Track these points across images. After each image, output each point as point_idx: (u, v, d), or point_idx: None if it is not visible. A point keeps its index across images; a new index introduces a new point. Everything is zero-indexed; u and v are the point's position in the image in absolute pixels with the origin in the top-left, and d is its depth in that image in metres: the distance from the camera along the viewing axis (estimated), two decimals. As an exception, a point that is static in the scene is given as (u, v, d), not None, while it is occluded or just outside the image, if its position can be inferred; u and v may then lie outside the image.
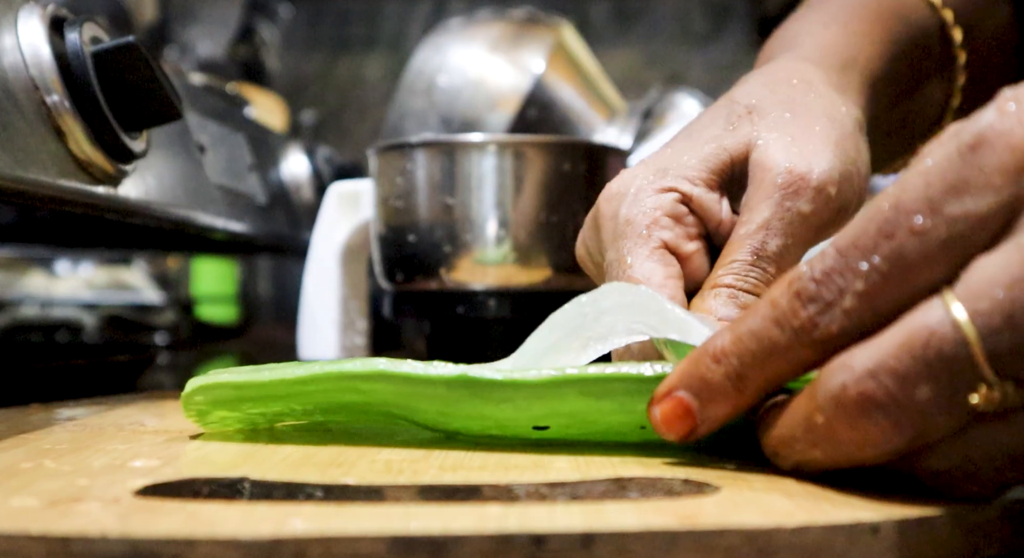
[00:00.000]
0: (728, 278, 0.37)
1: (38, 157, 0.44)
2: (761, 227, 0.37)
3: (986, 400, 0.23)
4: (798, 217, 0.36)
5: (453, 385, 0.32)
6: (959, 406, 0.23)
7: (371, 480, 0.27)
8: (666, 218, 0.38)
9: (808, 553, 0.22)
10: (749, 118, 0.39)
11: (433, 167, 0.59)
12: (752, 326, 0.26)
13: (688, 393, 0.27)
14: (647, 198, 0.38)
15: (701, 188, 0.38)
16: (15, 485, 0.26)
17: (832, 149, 0.38)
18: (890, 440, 0.24)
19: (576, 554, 0.21)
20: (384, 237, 0.62)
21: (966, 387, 0.23)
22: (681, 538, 0.22)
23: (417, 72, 0.77)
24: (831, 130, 0.38)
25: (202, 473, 0.28)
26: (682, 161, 0.39)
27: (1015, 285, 0.22)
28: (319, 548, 0.21)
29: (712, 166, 0.39)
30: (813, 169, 0.37)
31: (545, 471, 0.28)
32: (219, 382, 0.34)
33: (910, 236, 0.23)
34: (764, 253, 0.36)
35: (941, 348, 0.23)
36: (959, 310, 0.23)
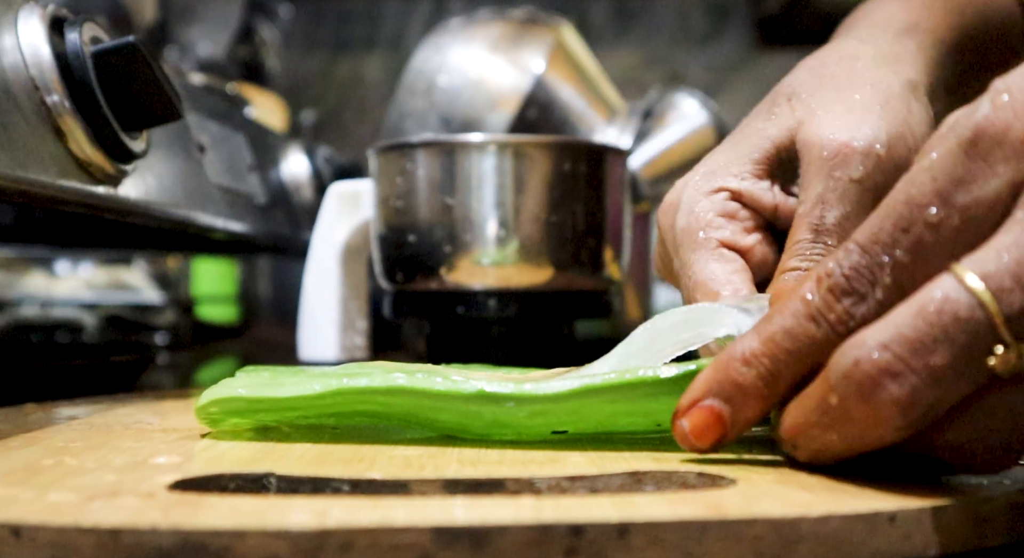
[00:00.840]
0: (793, 261, 0.37)
1: (38, 157, 0.44)
2: (816, 203, 0.37)
3: (1003, 362, 0.23)
4: (851, 185, 0.37)
5: (472, 399, 0.32)
6: (976, 369, 0.24)
7: (395, 475, 0.28)
8: (719, 218, 0.39)
9: (830, 541, 0.23)
10: (789, 105, 0.40)
11: (433, 167, 0.59)
12: (785, 324, 0.26)
13: (718, 400, 0.28)
14: (698, 203, 0.39)
15: (749, 181, 0.39)
16: (45, 481, 0.26)
17: (877, 112, 0.38)
18: (906, 412, 0.24)
19: (612, 543, 0.22)
20: (384, 237, 0.62)
21: (984, 349, 0.23)
22: (711, 527, 0.22)
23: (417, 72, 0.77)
24: (874, 95, 0.39)
25: (226, 469, 0.29)
26: (728, 159, 0.40)
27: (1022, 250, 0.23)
28: (366, 539, 0.22)
29: (757, 158, 0.40)
30: (856, 135, 0.37)
31: (562, 465, 0.29)
32: (234, 396, 0.34)
33: (926, 228, 0.25)
34: (823, 227, 0.37)
35: (956, 312, 0.23)
36: (972, 278, 0.23)
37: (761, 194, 0.40)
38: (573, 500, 0.24)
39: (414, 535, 0.22)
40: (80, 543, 0.21)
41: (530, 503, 0.24)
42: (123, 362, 0.56)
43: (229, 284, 1.28)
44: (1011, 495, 0.26)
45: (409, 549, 0.22)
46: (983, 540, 0.25)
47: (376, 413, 0.34)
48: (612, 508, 0.23)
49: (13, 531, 0.22)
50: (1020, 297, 0.23)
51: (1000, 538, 0.25)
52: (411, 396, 0.33)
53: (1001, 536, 0.25)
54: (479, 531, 0.22)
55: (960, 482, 0.27)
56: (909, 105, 0.39)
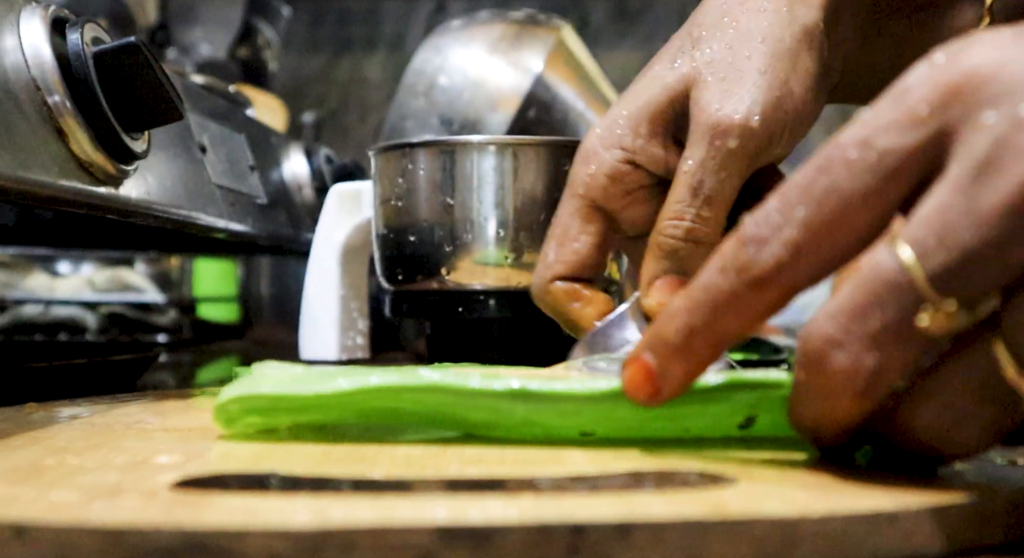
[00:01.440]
0: (667, 224, 0.41)
1: (39, 157, 0.44)
2: (697, 167, 0.40)
3: (934, 321, 0.24)
4: (727, 153, 0.40)
5: (505, 397, 0.32)
6: (909, 331, 0.24)
7: (397, 474, 0.28)
8: (604, 178, 0.43)
9: (831, 541, 0.23)
10: (691, 53, 0.42)
11: (433, 167, 0.59)
12: (701, 279, 0.27)
13: (650, 354, 0.28)
14: (593, 157, 0.43)
15: (642, 138, 0.42)
16: (47, 480, 0.26)
17: (759, 78, 0.40)
18: (853, 380, 0.24)
19: (614, 543, 0.22)
20: (384, 237, 0.62)
21: (912, 309, 0.24)
22: (713, 527, 0.22)
23: (417, 73, 0.77)
24: (762, 54, 0.41)
25: (228, 468, 0.29)
26: (628, 113, 0.43)
27: (945, 210, 0.23)
28: (368, 539, 0.22)
29: (654, 111, 0.42)
30: (738, 108, 0.40)
31: (563, 465, 0.29)
32: (257, 394, 0.33)
33: (844, 169, 0.25)
34: (701, 191, 0.40)
35: (885, 277, 0.24)
36: (901, 244, 0.24)
37: (653, 153, 0.42)
38: (574, 500, 0.24)
39: (416, 535, 0.22)
40: (82, 543, 0.21)
41: (531, 503, 0.24)
42: (124, 361, 0.56)
43: (230, 284, 1.28)
44: (1011, 495, 0.26)
45: (411, 549, 0.22)
46: (984, 540, 0.25)
47: (404, 411, 0.33)
48: (613, 508, 0.23)
49: (15, 530, 0.22)
50: (944, 257, 0.23)
51: (1000, 538, 0.25)
52: (443, 394, 0.32)
53: (1001, 536, 0.25)
54: (481, 531, 0.22)
55: (960, 482, 0.27)
56: (796, 61, 0.41)
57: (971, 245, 0.23)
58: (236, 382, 0.34)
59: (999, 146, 0.23)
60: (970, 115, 0.24)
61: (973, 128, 0.24)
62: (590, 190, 0.43)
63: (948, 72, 0.25)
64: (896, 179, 0.25)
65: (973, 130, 0.24)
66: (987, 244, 0.23)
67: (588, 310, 0.44)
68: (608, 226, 0.44)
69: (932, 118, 0.24)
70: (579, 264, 0.44)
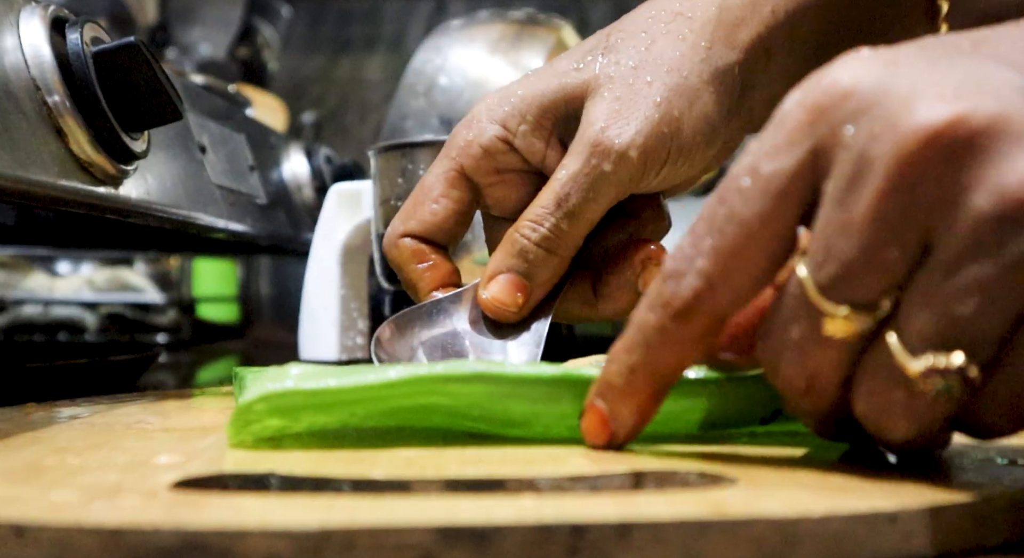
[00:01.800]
0: (525, 225, 0.41)
1: (39, 157, 0.44)
2: (569, 178, 0.40)
3: (836, 328, 0.25)
4: (600, 175, 0.40)
5: (555, 384, 0.32)
6: (820, 338, 0.26)
7: (397, 474, 0.28)
8: (477, 147, 0.42)
9: (831, 541, 0.23)
10: (599, 59, 0.42)
11: (433, 167, 0.59)
12: (633, 319, 0.29)
13: (600, 399, 0.30)
14: (475, 125, 0.43)
15: (527, 126, 0.42)
16: (47, 480, 0.26)
17: (651, 110, 0.40)
18: (797, 383, 0.27)
19: (613, 543, 0.22)
20: (384, 237, 0.62)
21: (817, 319, 0.25)
22: (712, 527, 0.22)
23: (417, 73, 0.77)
24: (664, 85, 0.41)
25: (228, 469, 0.29)
26: (524, 93, 0.43)
27: (827, 224, 0.25)
28: (368, 539, 0.22)
29: (547, 104, 0.42)
30: (622, 133, 0.40)
31: (563, 465, 0.29)
32: (290, 391, 0.31)
33: (738, 197, 0.26)
34: (566, 203, 0.40)
35: (790, 292, 0.26)
36: (799, 261, 0.26)
37: (532, 141, 0.42)
38: (574, 500, 0.24)
39: (416, 535, 0.22)
40: (82, 543, 0.22)
41: (531, 503, 0.24)
42: (124, 361, 0.56)
43: (230, 284, 1.28)
44: (1011, 495, 0.26)
45: (411, 549, 0.22)
46: (983, 540, 0.25)
47: (442, 407, 0.32)
48: (613, 508, 0.23)
49: (15, 530, 0.22)
50: (830, 269, 0.25)
51: (1000, 538, 0.25)
52: (489, 383, 0.32)
53: (1001, 536, 0.25)
54: (481, 531, 0.22)
55: (960, 482, 0.27)
56: (695, 101, 0.41)
57: (849, 255, 0.25)
58: (257, 382, 0.32)
59: (861, 159, 0.24)
60: (835, 131, 0.25)
61: (839, 144, 0.25)
62: (462, 156, 0.43)
63: (814, 92, 0.26)
64: (786, 200, 0.26)
65: (839, 146, 0.25)
66: (862, 251, 0.24)
67: (428, 275, 0.44)
68: (472, 197, 0.44)
69: (804, 138, 0.26)
70: (434, 226, 0.44)
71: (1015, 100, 0.24)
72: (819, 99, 0.26)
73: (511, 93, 0.43)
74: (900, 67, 0.25)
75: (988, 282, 0.23)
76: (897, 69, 0.25)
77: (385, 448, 0.32)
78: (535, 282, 0.42)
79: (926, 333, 0.24)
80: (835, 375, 0.26)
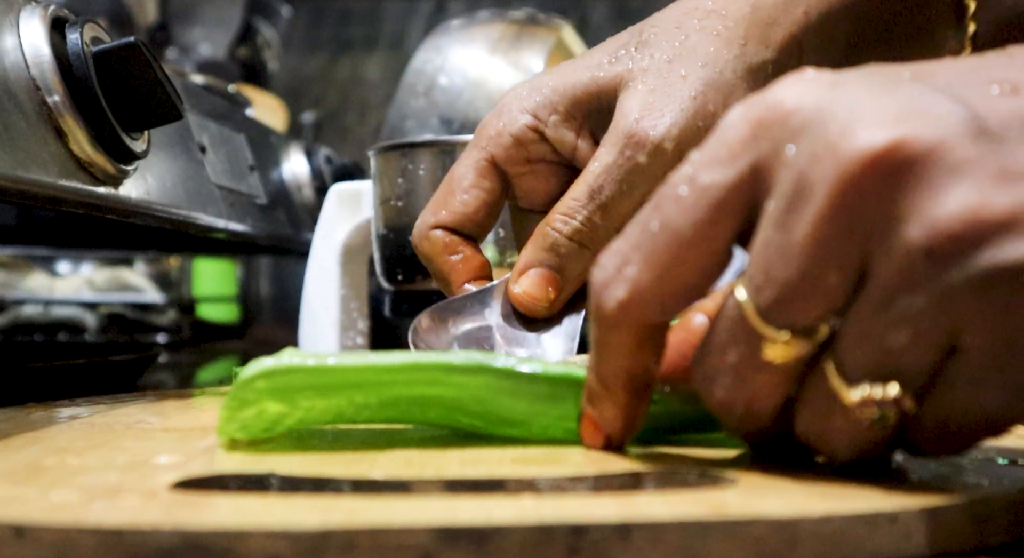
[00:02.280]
0: (557, 219, 0.41)
1: (39, 157, 0.44)
2: (603, 170, 0.40)
3: (775, 353, 0.25)
4: (634, 166, 0.40)
5: (558, 383, 0.32)
6: (760, 362, 0.25)
7: (397, 475, 0.28)
8: (510, 137, 0.42)
9: (831, 542, 0.23)
10: (633, 54, 0.42)
11: (433, 167, 0.59)
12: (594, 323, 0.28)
13: (588, 405, 0.30)
14: (505, 115, 0.43)
15: (558, 116, 0.42)
16: (48, 480, 0.26)
17: (687, 103, 0.40)
18: (733, 408, 0.26)
19: (614, 544, 0.22)
20: (384, 237, 0.62)
21: (756, 343, 0.25)
22: (713, 528, 0.22)
23: (417, 73, 0.77)
24: (698, 79, 0.40)
25: (228, 469, 0.29)
26: (556, 84, 0.42)
27: (766, 246, 0.24)
28: (368, 539, 0.22)
29: (579, 96, 0.42)
30: (657, 125, 0.40)
31: (563, 465, 0.29)
32: (294, 366, 0.31)
33: (673, 205, 0.26)
34: (599, 196, 0.40)
35: (729, 315, 0.26)
36: (739, 283, 0.25)
37: (563, 132, 0.42)
38: (574, 500, 0.24)
39: (416, 535, 0.22)
40: (82, 543, 0.22)
41: (531, 503, 0.24)
42: (124, 362, 0.56)
43: (230, 284, 1.28)
44: (1011, 495, 0.26)
45: (411, 549, 0.22)
46: (983, 540, 0.25)
47: (441, 399, 0.32)
48: (613, 508, 0.23)
49: (15, 530, 0.22)
50: (770, 292, 0.24)
51: (1000, 538, 0.25)
52: (492, 376, 0.31)
53: (1001, 536, 0.25)
54: (481, 531, 0.22)
55: (960, 482, 0.27)
56: (730, 96, 0.41)
57: (789, 278, 0.24)
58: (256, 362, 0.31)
59: (801, 180, 0.24)
60: (777, 149, 0.25)
61: (779, 163, 0.25)
62: (492, 146, 0.43)
63: (758, 108, 0.26)
64: (721, 212, 0.25)
65: (780, 165, 0.25)
66: (802, 275, 0.24)
67: (460, 267, 0.43)
68: (502, 188, 0.43)
69: (745, 152, 0.25)
70: (465, 217, 0.43)
71: (955, 129, 0.23)
72: (762, 115, 0.25)
73: (542, 84, 0.43)
74: (843, 89, 0.25)
75: (918, 314, 0.23)
76: (840, 91, 0.25)
77: (385, 448, 0.32)
78: (567, 276, 0.42)
79: (862, 363, 0.24)
80: (773, 399, 0.26)
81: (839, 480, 0.26)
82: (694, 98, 0.40)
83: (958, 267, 0.22)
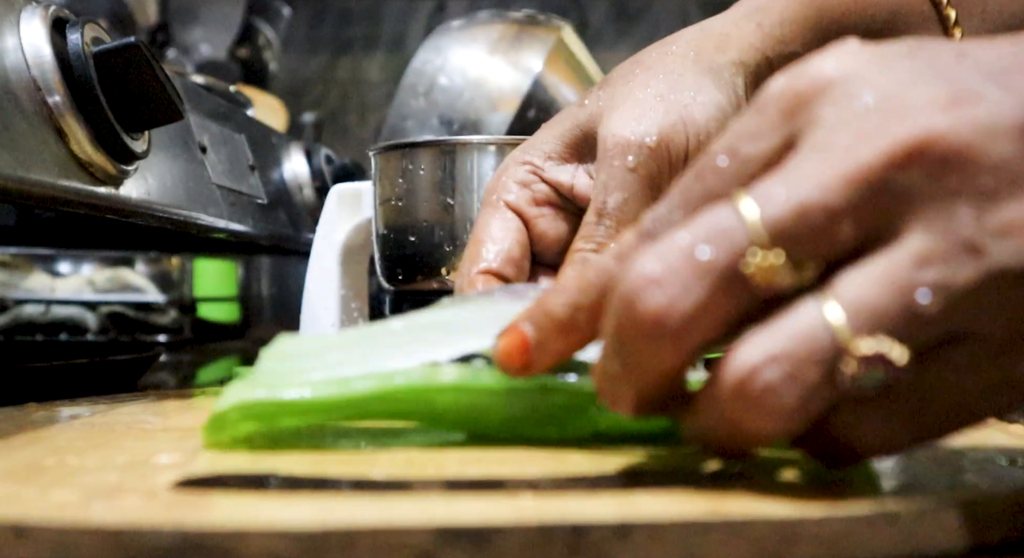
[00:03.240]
0: (579, 243, 0.43)
1: (40, 157, 0.44)
2: (601, 189, 0.42)
3: (758, 270, 0.24)
4: (627, 173, 0.42)
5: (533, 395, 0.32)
6: (732, 274, 0.24)
7: (397, 474, 0.28)
8: (513, 184, 0.45)
9: (830, 542, 0.23)
10: (599, 93, 0.45)
11: (433, 167, 0.59)
12: (596, 263, 0.28)
13: (530, 325, 0.29)
14: (506, 171, 0.46)
15: (552, 160, 0.45)
16: (48, 480, 0.26)
17: (658, 104, 0.42)
18: (663, 322, 0.24)
19: (614, 544, 0.22)
20: (384, 237, 0.62)
21: (740, 252, 0.24)
22: (713, 527, 0.22)
23: (418, 73, 0.77)
24: (662, 84, 0.43)
25: (228, 469, 0.29)
26: (544, 137, 0.46)
27: (800, 165, 0.24)
28: (368, 539, 0.22)
29: (566, 140, 0.45)
30: (633, 130, 0.42)
31: (563, 464, 0.29)
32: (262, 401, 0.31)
33: (714, 174, 0.26)
34: (605, 210, 0.42)
35: (719, 219, 0.24)
36: (742, 196, 0.24)
37: (559, 173, 0.45)
38: (574, 500, 0.24)
39: (416, 535, 0.22)
40: (82, 543, 0.22)
41: (531, 503, 0.24)
42: (125, 361, 0.56)
43: (230, 284, 1.28)
44: (1011, 495, 0.26)
45: (411, 549, 0.22)
46: (983, 540, 0.25)
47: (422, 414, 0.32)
48: (613, 508, 0.23)
49: (15, 530, 0.22)
50: (784, 206, 0.24)
51: (1000, 538, 0.25)
52: (466, 394, 0.32)
53: (1001, 536, 0.25)
54: (481, 531, 0.22)
55: (960, 482, 0.27)
56: (698, 92, 0.43)
57: (811, 202, 0.23)
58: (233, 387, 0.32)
59: (849, 128, 0.24)
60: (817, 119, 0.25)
61: (820, 115, 0.25)
62: (502, 192, 0.45)
63: (800, 81, 0.26)
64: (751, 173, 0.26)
65: (823, 112, 0.25)
66: (825, 207, 0.23)
67: None
68: (524, 227, 0.46)
69: (786, 123, 0.26)
70: (505, 258, 0.45)
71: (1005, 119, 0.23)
72: (804, 88, 0.26)
73: (532, 142, 0.46)
74: (890, 66, 0.25)
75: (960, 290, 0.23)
76: (887, 67, 0.25)
77: (385, 448, 0.32)
78: None
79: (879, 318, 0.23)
80: (713, 326, 0.24)
81: (840, 480, 0.26)
82: (662, 98, 0.43)
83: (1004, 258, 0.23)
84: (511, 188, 0.45)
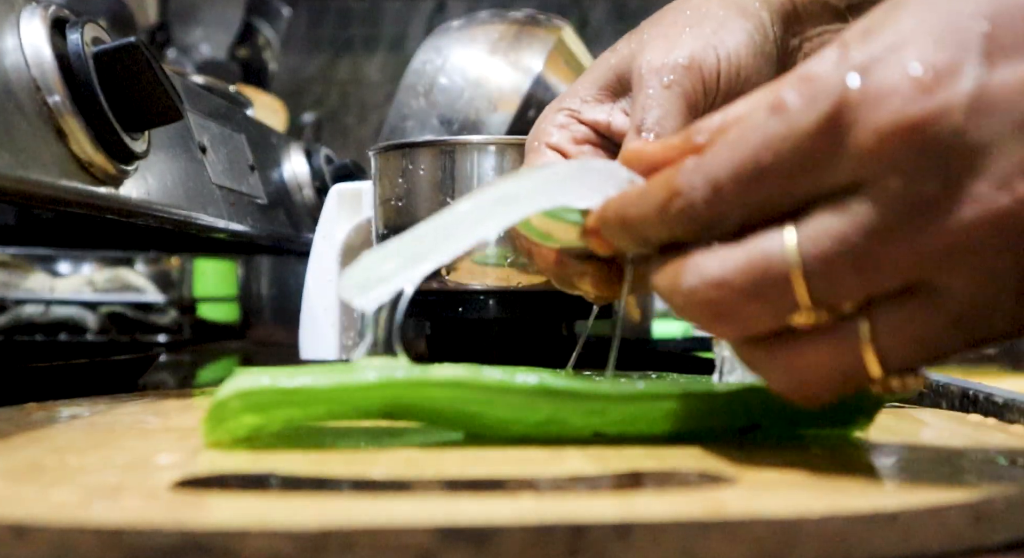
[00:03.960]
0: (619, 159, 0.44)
1: (40, 157, 0.44)
2: (639, 109, 0.44)
3: (804, 319, 0.26)
4: (662, 89, 0.44)
5: (532, 394, 0.32)
6: (781, 319, 0.26)
7: (397, 474, 0.28)
8: (553, 128, 0.47)
9: (830, 541, 0.23)
10: (631, 38, 0.47)
11: (433, 167, 0.59)
12: (654, 179, 0.29)
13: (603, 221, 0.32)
14: (544, 120, 0.47)
15: (588, 102, 0.47)
16: (48, 480, 0.26)
17: (686, 33, 0.45)
18: (726, 333, 0.28)
19: (613, 544, 0.22)
20: (384, 237, 0.62)
21: (788, 307, 0.26)
22: (712, 528, 0.22)
23: (418, 73, 0.77)
24: (690, 18, 0.45)
25: (228, 469, 0.29)
26: (578, 85, 0.47)
27: (845, 238, 0.25)
28: (368, 539, 0.22)
29: (600, 83, 0.47)
30: (667, 55, 0.44)
31: (563, 465, 0.29)
32: (266, 387, 0.31)
33: (778, 186, 0.26)
34: (644, 126, 0.43)
35: (768, 270, 0.26)
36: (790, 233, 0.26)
37: (596, 113, 0.47)
38: (574, 500, 0.24)
39: (416, 535, 0.22)
40: (82, 543, 0.22)
41: (531, 503, 0.24)
42: (125, 361, 0.56)
43: (230, 284, 1.28)
44: (1011, 495, 0.26)
45: (411, 549, 0.22)
46: (983, 540, 0.25)
47: (420, 408, 0.32)
48: (613, 508, 0.23)
49: (15, 530, 0.22)
50: (828, 281, 0.25)
51: (1000, 538, 0.25)
52: (465, 390, 0.32)
53: (1001, 536, 0.25)
54: (481, 531, 0.22)
55: (960, 482, 0.27)
56: (724, 22, 0.45)
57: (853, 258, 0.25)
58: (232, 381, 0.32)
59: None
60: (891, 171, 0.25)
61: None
62: (541, 137, 0.47)
63: (877, 101, 0.25)
64: (811, 198, 0.26)
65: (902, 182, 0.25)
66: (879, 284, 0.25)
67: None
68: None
69: (861, 167, 0.25)
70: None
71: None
72: (892, 140, 0.25)
73: (565, 93, 0.48)
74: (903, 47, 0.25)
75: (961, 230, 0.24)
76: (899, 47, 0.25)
77: (385, 448, 0.32)
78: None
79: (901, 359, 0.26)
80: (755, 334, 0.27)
81: (840, 479, 0.27)
82: (692, 28, 0.44)
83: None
84: (551, 132, 0.47)
